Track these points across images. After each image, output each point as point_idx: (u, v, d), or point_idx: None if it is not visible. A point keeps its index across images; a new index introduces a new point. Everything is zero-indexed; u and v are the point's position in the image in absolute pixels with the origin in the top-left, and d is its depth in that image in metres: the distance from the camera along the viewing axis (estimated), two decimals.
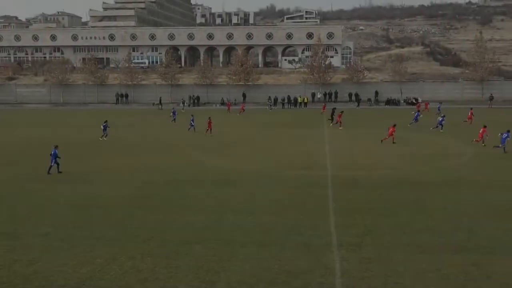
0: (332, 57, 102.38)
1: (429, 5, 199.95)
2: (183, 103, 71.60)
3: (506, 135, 33.64)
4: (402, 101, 74.32)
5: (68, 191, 23.98)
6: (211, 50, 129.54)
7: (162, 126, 50.93)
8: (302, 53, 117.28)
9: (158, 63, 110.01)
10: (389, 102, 73.91)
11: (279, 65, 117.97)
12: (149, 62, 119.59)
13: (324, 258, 15.28)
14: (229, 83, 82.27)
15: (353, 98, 75.38)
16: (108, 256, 15.57)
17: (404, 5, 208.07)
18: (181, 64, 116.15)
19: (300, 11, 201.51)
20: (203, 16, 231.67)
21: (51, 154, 27.49)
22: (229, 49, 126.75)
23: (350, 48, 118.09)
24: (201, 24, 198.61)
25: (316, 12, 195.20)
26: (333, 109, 51.49)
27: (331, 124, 49.00)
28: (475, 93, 76.02)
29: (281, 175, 26.99)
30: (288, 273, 14.18)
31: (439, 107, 48.51)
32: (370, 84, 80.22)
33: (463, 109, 55.68)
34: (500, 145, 33.14)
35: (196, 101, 78.36)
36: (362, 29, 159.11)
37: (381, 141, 37.07)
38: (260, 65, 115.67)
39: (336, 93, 77.09)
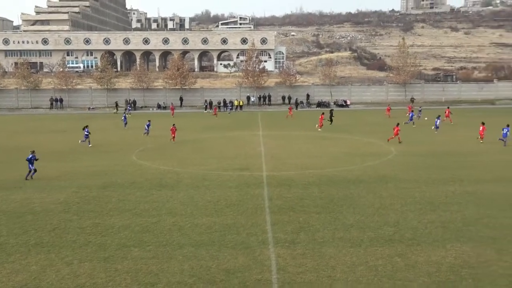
0: (265, 61, 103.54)
1: (356, 13, 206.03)
2: (130, 108, 70.14)
3: (506, 130, 36.17)
4: (333, 104, 76.15)
5: (1, 198, 22.86)
6: (147, 54, 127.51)
7: (103, 130, 49.57)
8: (237, 57, 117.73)
9: (94, 67, 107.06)
10: (320, 104, 75.55)
11: (215, 69, 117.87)
12: (84, 67, 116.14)
13: (261, 255, 15.40)
14: (165, 87, 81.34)
15: (286, 101, 76.55)
16: (44, 263, 14.97)
17: (333, 13, 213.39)
18: (117, 68, 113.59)
19: (234, 17, 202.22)
20: (138, 21, 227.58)
21: (26, 159, 26.68)
22: (165, 54, 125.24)
23: (282, 53, 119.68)
24: (136, 29, 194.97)
25: (250, 18, 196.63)
26: (331, 111, 52.73)
27: (330, 124, 49.61)
28: (399, 95, 79.22)
29: (219, 176, 26.96)
30: (226, 272, 14.18)
31: (411, 115, 50.21)
32: (302, 87, 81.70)
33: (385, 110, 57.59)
34: (503, 139, 35.80)
35: (133, 105, 76.90)
36: (293, 35, 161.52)
37: (388, 140, 38.18)
38: (196, 70, 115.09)
39: (269, 96, 78.01)
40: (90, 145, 38.01)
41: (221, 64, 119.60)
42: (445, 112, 51.18)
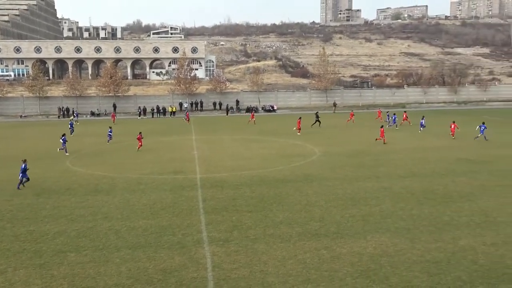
0: (196, 69, 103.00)
1: (280, 24, 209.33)
2: (76, 115, 67.06)
3: (483, 127, 39.46)
4: (261, 109, 76.93)
5: None
6: (79, 62, 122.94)
7: (36, 138, 47.14)
8: (169, 66, 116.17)
9: (25, 75, 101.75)
10: (249, 110, 76.09)
11: (148, 77, 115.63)
12: (15, 75, 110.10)
13: (196, 254, 15.25)
14: (99, 94, 78.75)
15: (217, 106, 76.52)
16: None
17: (259, 24, 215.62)
18: (49, 76, 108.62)
19: (165, 27, 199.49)
20: (70, 30, 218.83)
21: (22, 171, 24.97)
22: (98, 62, 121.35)
23: (213, 62, 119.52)
24: (68, 38, 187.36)
25: (181, 28, 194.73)
26: (316, 113, 53.48)
27: (319, 126, 50.59)
28: (321, 100, 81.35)
29: (154, 180, 26.44)
30: (163, 272, 13.91)
31: (394, 118, 51.50)
32: (232, 93, 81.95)
33: (311, 114, 58.97)
34: (479, 135, 39.35)
35: (66, 112, 73.83)
36: (223, 44, 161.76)
37: (376, 139, 39.09)
38: (129, 77, 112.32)
39: (201, 102, 77.63)
40: (67, 154, 35.96)
41: (153, 72, 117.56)
42: (403, 115, 52.87)
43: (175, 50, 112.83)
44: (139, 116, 71.40)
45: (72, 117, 66.67)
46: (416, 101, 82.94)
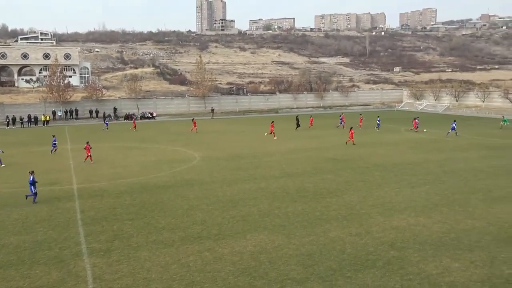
0: (70, 76, 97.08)
1: (157, 32, 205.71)
2: None
3: (454, 124, 44.83)
4: (139, 116, 74.86)
5: None
6: None
7: None
8: (40, 72, 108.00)
9: None
10: (127, 117, 73.64)
11: (16, 85, 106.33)
12: None
13: (76, 267, 14.35)
14: None
15: (94, 114, 72.94)
16: None
17: (135, 31, 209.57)
18: None
19: (35, 32, 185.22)
20: None
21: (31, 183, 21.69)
22: None
23: (88, 68, 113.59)
24: None
25: (52, 33, 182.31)
26: (297, 117, 53.18)
27: (296, 129, 50.76)
28: (199, 106, 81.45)
29: (27, 192, 24.32)
30: None
31: (341, 119, 54.99)
32: (109, 101, 78.59)
33: (188, 120, 58.82)
34: (450, 131, 44.53)
35: None
36: (98, 51, 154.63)
37: (346, 142, 40.39)
38: None
39: (76, 110, 73.33)
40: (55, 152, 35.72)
41: (22, 79, 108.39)
42: (359, 120, 54.98)
43: (47, 56, 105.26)
44: (7, 126, 65.31)
45: None
46: (288, 106, 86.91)
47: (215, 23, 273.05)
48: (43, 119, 67.74)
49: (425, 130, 49.39)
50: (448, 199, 21.89)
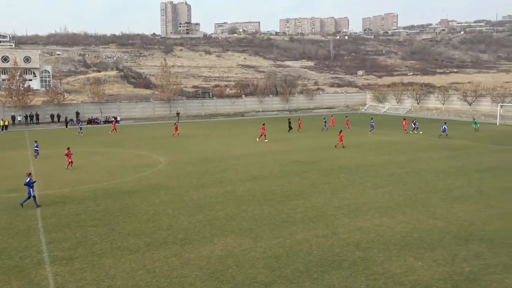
0: (30, 80, 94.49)
1: (120, 35, 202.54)
2: None
3: (444, 126, 46.57)
4: (102, 121, 73.46)
5: None
6: None
7: None
8: None
9: None
10: (90, 121, 72.16)
11: None
12: None
13: (37, 277, 13.93)
14: None
15: (56, 119, 71.11)
16: None
17: (98, 34, 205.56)
18: None
19: None
20: None
21: (26, 184, 21.00)
22: None
23: (48, 72, 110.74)
24: None
25: (11, 36, 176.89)
26: (289, 119, 53.42)
27: (288, 131, 51.39)
28: (164, 110, 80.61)
29: None
30: None
31: (325, 122, 55.57)
32: (71, 105, 76.80)
33: (155, 124, 58.24)
34: (442, 133, 46.02)
35: None
36: (59, 54, 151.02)
37: (335, 146, 40.05)
38: None
39: (37, 115, 71.30)
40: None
41: None
42: (346, 121, 56.54)
43: (5, 59, 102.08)
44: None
45: None
46: (254, 109, 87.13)
47: (180, 26, 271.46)
48: (1, 124, 65.56)
49: (421, 132, 50.28)
50: (410, 199, 22.41)
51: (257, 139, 46.12)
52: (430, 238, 16.86)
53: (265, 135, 45.90)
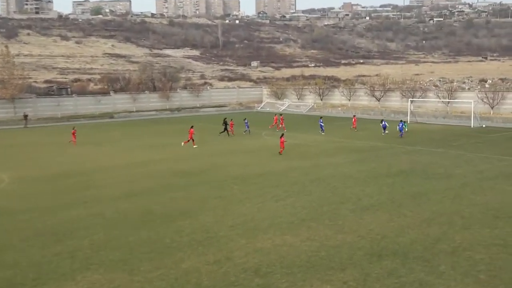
0: None
1: None
2: None
3: (401, 124, 48.99)
4: None
5: None
6: None
7: None
8: None
9: None
10: None
11: None
12: None
13: None
14: None
15: None
16: None
17: None
18: None
19: None
20: None
21: None
22: None
23: None
24: None
25: None
26: (224, 119, 53.75)
27: (220, 133, 52.25)
28: (7, 112, 75.63)
29: None
30: None
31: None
32: None
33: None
34: (401, 132, 48.52)
35: None
36: None
37: (279, 153, 39.84)
38: None
39: None
40: None
41: None
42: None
43: None
44: None
45: None
46: (126, 109, 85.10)
47: (27, 4, 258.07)
48: None
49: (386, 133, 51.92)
50: (316, 212, 23.31)
51: (183, 143, 45.57)
52: (339, 256, 17.64)
53: (193, 140, 45.36)
